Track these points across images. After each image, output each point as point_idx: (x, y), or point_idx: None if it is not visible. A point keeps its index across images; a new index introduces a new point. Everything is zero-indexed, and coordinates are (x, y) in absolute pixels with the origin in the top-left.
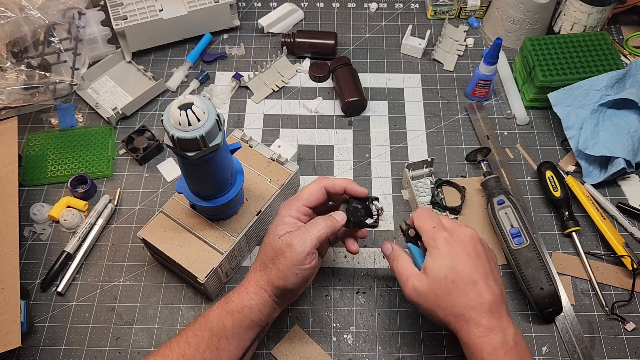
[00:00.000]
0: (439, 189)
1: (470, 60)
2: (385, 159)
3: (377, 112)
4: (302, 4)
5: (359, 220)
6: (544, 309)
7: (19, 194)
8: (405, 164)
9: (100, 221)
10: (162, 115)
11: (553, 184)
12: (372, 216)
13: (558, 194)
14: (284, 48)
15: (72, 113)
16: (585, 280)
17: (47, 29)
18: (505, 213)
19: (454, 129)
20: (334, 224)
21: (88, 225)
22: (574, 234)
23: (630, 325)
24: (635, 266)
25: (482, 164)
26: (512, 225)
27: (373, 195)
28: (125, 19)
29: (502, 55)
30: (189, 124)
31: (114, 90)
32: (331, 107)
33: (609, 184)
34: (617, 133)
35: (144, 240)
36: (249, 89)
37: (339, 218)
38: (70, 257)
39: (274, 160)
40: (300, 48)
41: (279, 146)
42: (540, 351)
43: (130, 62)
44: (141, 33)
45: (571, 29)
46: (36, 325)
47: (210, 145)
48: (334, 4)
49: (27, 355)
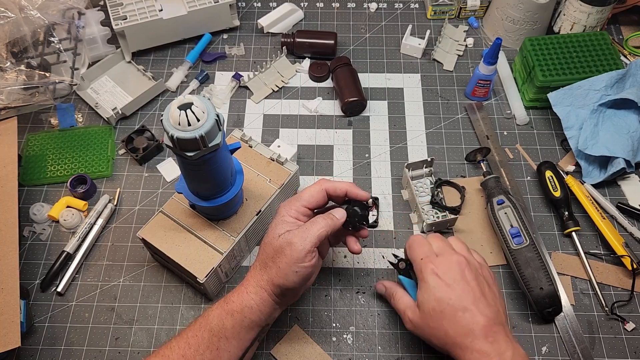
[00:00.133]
0: (439, 189)
1: (470, 60)
2: (385, 159)
3: (377, 112)
4: (302, 4)
5: (356, 223)
6: (544, 309)
7: (18, 194)
8: (405, 164)
9: (100, 221)
10: (162, 115)
11: (553, 184)
12: (367, 221)
13: (558, 194)
14: (284, 48)
15: (72, 113)
16: (585, 280)
17: (47, 29)
18: (505, 213)
19: (454, 129)
20: (334, 223)
21: (88, 225)
22: (573, 234)
23: (630, 325)
24: (635, 266)
25: (482, 164)
26: (512, 225)
27: (373, 195)
28: (125, 19)
29: (502, 55)
30: (189, 124)
31: (113, 90)
32: (331, 107)
33: (609, 184)
34: (617, 133)
35: (143, 240)
36: (249, 89)
37: (339, 216)
38: (70, 257)
39: (273, 160)
40: (300, 48)
41: (279, 146)
42: (540, 351)
43: (130, 62)
44: (141, 33)
45: (571, 29)
46: (36, 325)
47: (210, 145)
48: (333, 4)
49: (27, 355)
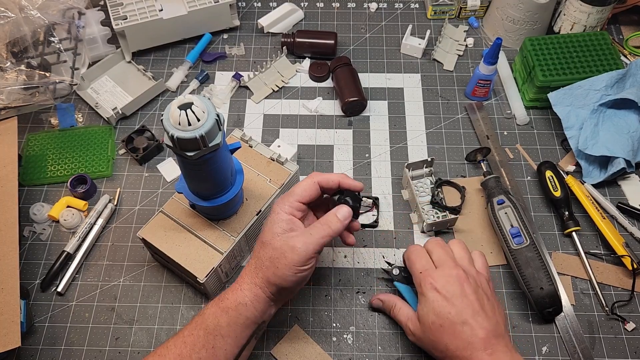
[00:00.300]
0: (439, 189)
1: (470, 60)
2: (385, 158)
3: (377, 112)
4: (302, 4)
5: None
6: (544, 308)
7: (18, 194)
8: (405, 164)
9: (100, 221)
10: (162, 115)
11: (553, 183)
12: (358, 213)
13: (558, 193)
14: (284, 48)
15: (72, 113)
16: (585, 280)
17: (47, 29)
18: (505, 213)
19: (454, 129)
20: (337, 229)
21: (88, 225)
22: (574, 233)
23: (630, 325)
24: (635, 266)
25: (482, 163)
26: (512, 225)
27: (373, 195)
28: (125, 19)
29: (502, 55)
30: (189, 124)
31: (113, 90)
32: (331, 107)
33: (609, 184)
34: (617, 133)
35: (143, 240)
36: (249, 89)
37: (342, 217)
38: (70, 257)
39: (273, 160)
40: (300, 48)
41: (279, 146)
42: (540, 351)
43: (130, 62)
44: (141, 33)
45: (571, 29)
46: (36, 325)
47: (210, 145)
48: (334, 4)
49: (27, 355)
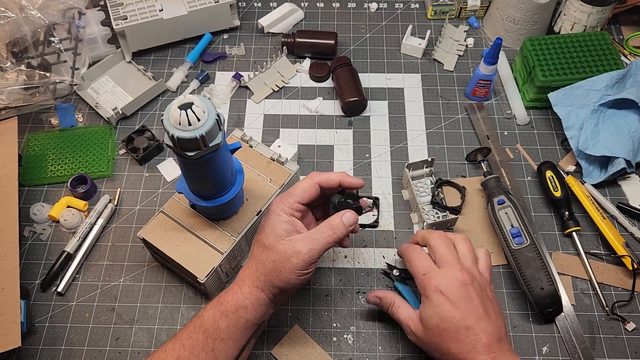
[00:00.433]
0: (439, 189)
1: (470, 60)
2: (385, 159)
3: (377, 112)
4: (302, 4)
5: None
6: (544, 308)
7: (19, 194)
8: (406, 164)
9: (100, 221)
10: (162, 115)
11: (553, 184)
12: (362, 211)
13: (558, 194)
14: (284, 48)
15: (72, 113)
16: (585, 280)
17: (47, 29)
18: (506, 213)
19: (454, 129)
20: (342, 234)
21: (88, 225)
22: (574, 234)
23: (630, 325)
24: (635, 266)
25: (482, 164)
26: (512, 225)
27: (373, 195)
28: (125, 19)
29: (502, 55)
30: (189, 124)
31: (114, 90)
32: (331, 107)
33: (609, 184)
34: (617, 133)
35: (144, 240)
36: (249, 89)
37: (347, 223)
38: (70, 257)
39: (274, 160)
40: (301, 48)
41: (279, 146)
42: (541, 351)
43: (130, 62)
44: (141, 33)
45: (571, 29)
46: (36, 325)
47: (210, 145)
48: (334, 4)
49: (27, 355)
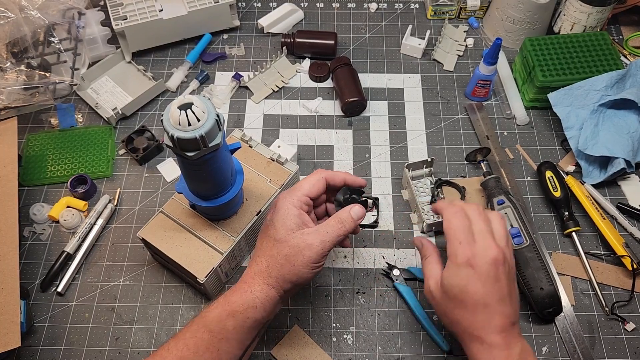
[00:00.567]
0: (439, 189)
1: (470, 61)
2: (385, 159)
3: (377, 112)
4: (302, 4)
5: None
6: (544, 309)
7: (18, 194)
8: (405, 164)
9: (100, 221)
10: (162, 115)
11: (553, 184)
12: (367, 207)
13: (558, 194)
14: (284, 48)
15: (72, 113)
16: (585, 281)
17: (47, 29)
18: (505, 213)
19: (454, 129)
20: (351, 227)
21: (88, 226)
22: (574, 234)
23: (630, 326)
24: (635, 266)
25: (482, 164)
26: (512, 226)
27: (373, 195)
28: (125, 19)
29: (502, 56)
30: (189, 124)
31: (113, 91)
32: (331, 107)
33: (609, 184)
34: (617, 133)
35: (143, 240)
36: (249, 89)
37: (355, 217)
38: (70, 257)
39: (273, 160)
40: (300, 48)
41: (279, 146)
42: (540, 351)
43: (130, 62)
44: (141, 33)
45: (571, 29)
46: (36, 325)
47: (210, 145)
48: (334, 4)
49: (27, 355)
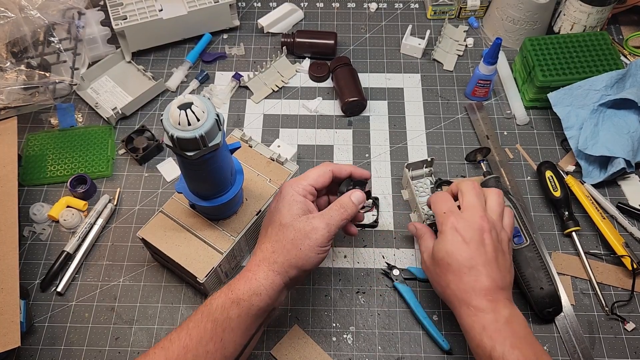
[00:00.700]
0: (439, 189)
1: (470, 60)
2: (385, 159)
3: (377, 112)
4: (302, 4)
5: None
6: (544, 308)
7: (18, 194)
8: (405, 164)
9: (100, 221)
10: (162, 115)
11: (553, 184)
12: (370, 197)
13: (558, 194)
14: (284, 48)
15: (72, 113)
16: (585, 280)
17: (47, 29)
18: None
19: (454, 129)
20: (352, 212)
21: (88, 225)
22: (573, 234)
23: (630, 325)
24: (635, 266)
25: (482, 164)
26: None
27: (373, 195)
28: (125, 19)
29: (502, 55)
30: (189, 124)
31: (113, 90)
32: (331, 107)
33: (609, 184)
34: (617, 133)
35: (143, 240)
36: (249, 89)
37: (356, 201)
38: (69, 257)
39: (273, 160)
40: (300, 48)
41: (279, 146)
42: None
43: (130, 62)
44: (141, 33)
45: (571, 29)
46: (36, 325)
47: (209, 145)
48: (333, 4)
49: (27, 355)
